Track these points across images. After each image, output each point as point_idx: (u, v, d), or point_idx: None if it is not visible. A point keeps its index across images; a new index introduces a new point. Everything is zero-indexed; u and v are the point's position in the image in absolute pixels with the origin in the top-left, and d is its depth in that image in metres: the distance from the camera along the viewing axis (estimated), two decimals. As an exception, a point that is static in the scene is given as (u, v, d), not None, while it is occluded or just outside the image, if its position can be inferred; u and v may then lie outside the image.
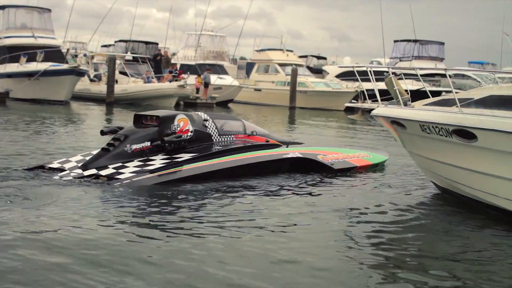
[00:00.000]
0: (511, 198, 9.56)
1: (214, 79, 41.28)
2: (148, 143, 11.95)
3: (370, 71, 11.56)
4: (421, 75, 14.70)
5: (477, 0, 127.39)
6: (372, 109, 11.60)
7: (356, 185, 12.57)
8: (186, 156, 11.96)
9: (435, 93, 14.43)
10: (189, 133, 12.58)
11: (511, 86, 10.93)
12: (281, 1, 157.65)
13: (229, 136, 13.50)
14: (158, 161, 11.68)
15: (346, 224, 9.33)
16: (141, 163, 11.57)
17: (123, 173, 11.12)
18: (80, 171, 11.28)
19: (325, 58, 64.24)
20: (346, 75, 42.99)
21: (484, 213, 10.12)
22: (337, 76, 46.83)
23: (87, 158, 11.77)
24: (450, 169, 10.55)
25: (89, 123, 25.62)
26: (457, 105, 9.95)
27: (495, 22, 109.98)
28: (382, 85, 11.47)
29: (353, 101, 14.89)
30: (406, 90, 11.51)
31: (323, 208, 10.12)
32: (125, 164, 11.45)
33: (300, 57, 54.92)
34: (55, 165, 11.80)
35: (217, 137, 13.20)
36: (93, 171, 11.23)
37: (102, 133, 12.82)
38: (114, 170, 11.21)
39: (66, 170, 11.41)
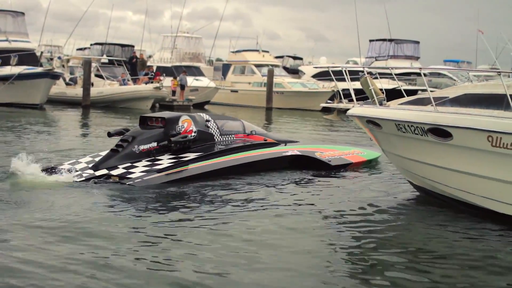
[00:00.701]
0: (487, 196, 9.61)
1: (190, 81, 41.15)
2: (155, 144, 12.54)
3: (345, 71, 11.55)
4: (397, 74, 14.77)
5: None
6: (348, 109, 11.60)
7: (339, 185, 12.58)
8: (191, 156, 12.52)
9: (411, 92, 14.47)
10: (193, 134, 13.19)
11: (486, 84, 10.98)
12: (257, 2, 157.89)
13: (230, 135, 14.11)
14: (165, 160, 12.23)
15: (327, 224, 9.37)
16: (149, 162, 12.09)
17: (133, 172, 11.60)
18: (91, 171, 11.75)
19: (301, 59, 64.32)
20: (322, 75, 43.07)
21: (460, 211, 10.16)
22: (313, 76, 46.90)
23: (96, 159, 12.27)
24: (426, 168, 10.57)
25: (66, 126, 25.40)
26: (432, 104, 9.98)
27: (470, 20, 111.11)
28: (357, 85, 11.49)
29: (329, 101, 14.95)
30: (381, 90, 11.53)
31: (316, 207, 10.33)
32: (134, 164, 11.97)
33: (276, 57, 54.97)
34: (65, 166, 12.09)
35: (218, 137, 13.82)
36: (104, 171, 11.70)
37: (109, 135, 13.20)
38: (125, 170, 11.70)
39: (77, 171, 11.80)
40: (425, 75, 11.34)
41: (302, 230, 8.86)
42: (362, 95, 11.82)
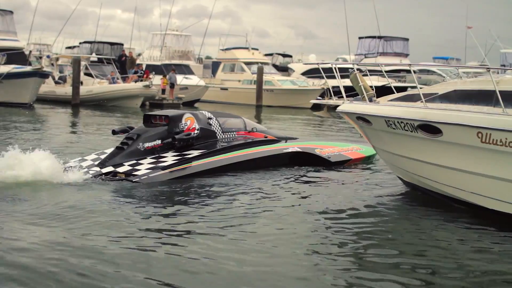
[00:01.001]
0: (476, 192, 9.64)
1: (180, 79, 41.07)
2: (159, 141, 12.77)
3: (335, 68, 11.57)
4: (386, 71, 14.76)
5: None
6: (338, 106, 11.61)
7: (328, 182, 12.60)
8: (195, 153, 12.80)
9: (401, 89, 14.55)
10: (196, 131, 13.35)
11: (475, 80, 11.00)
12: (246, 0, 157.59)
13: (232, 133, 14.31)
14: (169, 158, 12.47)
15: (318, 222, 9.35)
16: (154, 160, 12.33)
17: (139, 169, 11.84)
18: (97, 168, 12.00)
19: (290, 56, 64.40)
20: (312, 73, 43.10)
21: (450, 207, 10.19)
22: (303, 74, 46.90)
23: (102, 156, 12.55)
24: (416, 164, 10.60)
25: (56, 125, 25.25)
26: (421, 100, 10.00)
27: (459, 17, 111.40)
28: (347, 82, 11.50)
29: (318, 97, 15.05)
30: (371, 86, 11.54)
31: (310, 207, 10.31)
32: (139, 162, 12.21)
33: (266, 55, 54.98)
34: (72, 164, 12.21)
35: (220, 134, 14.02)
36: (110, 168, 11.96)
37: (114, 132, 13.55)
38: (130, 167, 11.95)
39: (84, 168, 12.01)
40: (414, 72, 11.35)
41: (299, 230, 8.86)
42: (352, 92, 11.84)
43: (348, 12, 66.72)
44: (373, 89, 11.51)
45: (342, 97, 11.74)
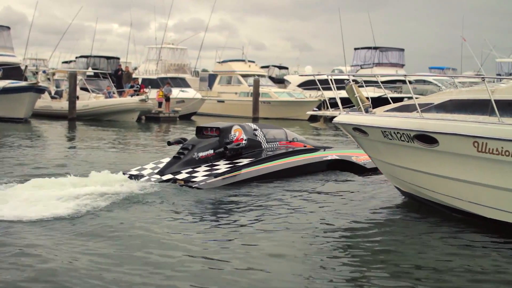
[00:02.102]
0: (473, 201, 9.65)
1: (176, 92, 41.08)
2: (212, 151, 13.98)
3: (331, 79, 11.60)
4: (382, 82, 14.81)
5: (436, 6, 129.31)
6: (334, 117, 11.63)
7: (328, 192, 12.60)
8: (244, 161, 13.88)
9: (397, 100, 14.53)
10: (244, 141, 14.56)
11: (470, 90, 11.03)
12: (242, 12, 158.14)
13: (275, 142, 15.49)
14: (222, 166, 13.57)
15: (315, 232, 9.36)
16: (208, 168, 13.46)
17: (196, 176, 12.90)
18: (158, 176, 13.14)
19: (286, 68, 64.46)
20: (308, 84, 43.17)
21: (447, 216, 10.19)
22: (299, 86, 46.98)
23: (159, 165, 13.69)
24: (413, 174, 10.61)
25: (53, 139, 25.21)
26: (417, 110, 10.02)
27: (455, 27, 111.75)
28: (344, 93, 11.53)
29: (315, 109, 15.21)
30: (367, 97, 11.56)
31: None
32: (195, 169, 13.35)
33: (262, 67, 55.01)
34: (133, 172, 13.47)
35: (265, 144, 15.20)
36: (169, 176, 13.06)
37: (169, 143, 14.88)
38: (188, 175, 13.06)
39: (145, 176, 13.18)
40: (410, 82, 11.38)
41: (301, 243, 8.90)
42: (349, 105, 11.86)
43: (343, 23, 67.04)
44: (369, 100, 11.53)
45: (339, 108, 11.77)
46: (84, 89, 38.36)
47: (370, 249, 8.58)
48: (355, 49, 53.35)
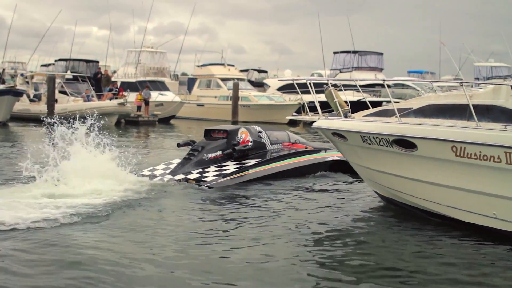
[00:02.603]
0: (452, 205, 9.69)
1: (155, 95, 40.97)
2: (220, 152, 14.71)
3: (309, 83, 11.59)
4: (361, 86, 14.86)
5: (415, 10, 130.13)
6: (314, 122, 11.63)
7: (306, 197, 12.61)
8: (251, 162, 14.58)
9: (375, 104, 14.65)
10: (250, 143, 15.25)
11: (448, 94, 11.07)
12: (222, 15, 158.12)
13: (278, 144, 16.16)
14: (230, 166, 14.29)
15: (294, 236, 9.35)
16: (217, 168, 14.20)
17: (207, 176, 13.64)
18: (170, 176, 13.86)
19: (266, 72, 64.49)
20: (288, 88, 43.26)
21: (426, 221, 10.22)
22: (279, 89, 47.09)
23: (170, 166, 14.51)
24: (392, 179, 10.63)
25: (31, 142, 24.92)
26: (396, 115, 10.05)
27: (433, 31, 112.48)
28: (323, 97, 11.53)
29: (294, 113, 15.39)
30: (346, 102, 11.57)
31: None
32: (205, 170, 14.08)
33: (242, 71, 55.03)
34: (145, 172, 14.15)
35: (269, 145, 15.88)
36: (181, 176, 13.77)
37: (179, 145, 15.64)
38: (199, 175, 13.77)
39: (158, 176, 13.89)
40: (389, 86, 11.41)
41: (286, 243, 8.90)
42: (329, 109, 11.86)
43: (323, 27, 67.18)
44: (348, 105, 11.53)
45: (318, 112, 11.77)
46: (63, 92, 38.15)
47: (348, 253, 8.58)
48: (334, 53, 53.59)
